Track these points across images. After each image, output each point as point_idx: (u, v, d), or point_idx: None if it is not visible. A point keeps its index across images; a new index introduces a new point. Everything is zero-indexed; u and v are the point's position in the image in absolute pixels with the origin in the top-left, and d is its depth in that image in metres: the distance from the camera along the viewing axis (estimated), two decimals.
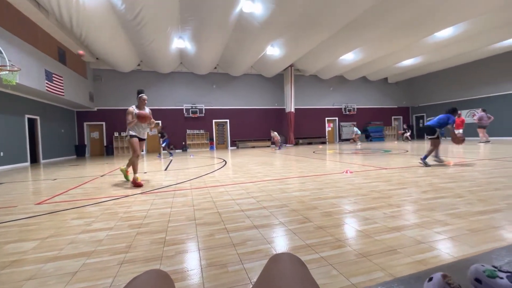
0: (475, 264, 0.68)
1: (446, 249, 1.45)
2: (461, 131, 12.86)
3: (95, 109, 14.22)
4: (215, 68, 15.80)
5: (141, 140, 4.28)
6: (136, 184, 3.89)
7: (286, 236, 1.75)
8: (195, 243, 1.69)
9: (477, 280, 0.66)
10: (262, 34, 10.46)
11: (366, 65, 15.78)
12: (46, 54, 9.18)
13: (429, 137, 5.07)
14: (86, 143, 14.12)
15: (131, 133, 4.13)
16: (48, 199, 3.29)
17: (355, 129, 14.23)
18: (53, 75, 9.44)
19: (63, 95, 10.18)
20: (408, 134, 16.47)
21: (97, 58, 13.18)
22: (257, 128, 16.97)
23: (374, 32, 10.48)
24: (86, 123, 14.17)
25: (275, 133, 13.74)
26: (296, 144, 17.00)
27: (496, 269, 0.65)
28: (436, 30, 10.64)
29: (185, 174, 5.21)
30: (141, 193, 3.44)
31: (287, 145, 16.61)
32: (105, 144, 14.51)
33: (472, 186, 3.01)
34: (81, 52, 9.27)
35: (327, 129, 18.61)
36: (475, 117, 11.32)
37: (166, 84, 15.46)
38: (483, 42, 12.32)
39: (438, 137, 4.97)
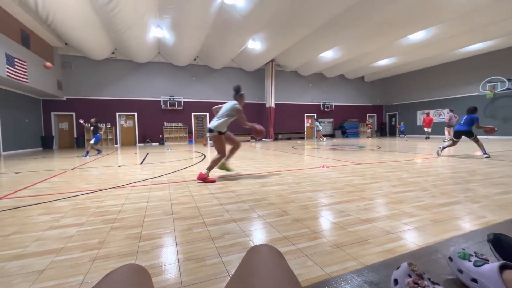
0: (456, 246, 0.76)
1: (411, 239, 1.56)
2: (430, 130, 13.78)
3: (64, 98, 13.31)
4: (195, 59, 15.41)
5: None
6: (210, 180, 3.49)
7: (264, 229, 1.78)
8: (172, 238, 1.67)
9: (450, 258, 0.74)
10: (243, 27, 10.34)
11: (344, 63, 16.23)
12: (7, 36, 8.39)
13: (470, 138, 5.66)
14: (54, 134, 13.22)
15: (224, 130, 3.71)
16: (10, 194, 3.06)
17: (317, 123, 14.63)
18: (15, 60, 8.67)
19: (27, 82, 9.40)
20: (369, 131, 17.51)
21: (66, 44, 12.30)
22: (237, 122, 16.81)
23: (352, 31, 10.77)
24: (54, 113, 13.24)
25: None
26: (276, 139, 17.19)
27: (473, 255, 0.72)
28: (409, 33, 11.17)
29: (162, 168, 5.08)
30: (115, 187, 3.31)
31: (267, 139, 16.75)
32: (75, 136, 13.69)
33: (436, 180, 3.24)
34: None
35: (306, 125, 18.99)
36: (446, 117, 12.11)
37: (143, 74, 14.83)
38: (450, 46, 13.16)
39: (475, 135, 5.60)
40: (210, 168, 3.59)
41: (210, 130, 3.68)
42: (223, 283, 1.16)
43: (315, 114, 19.11)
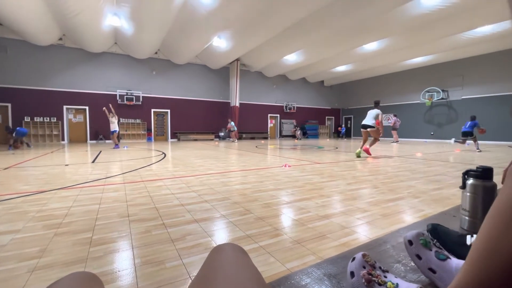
0: (418, 231, 0.78)
1: (364, 232, 1.69)
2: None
3: None
4: (156, 53, 14.63)
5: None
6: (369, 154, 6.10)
7: (227, 228, 1.77)
8: (128, 241, 1.56)
9: (410, 242, 0.76)
10: (208, 24, 10.13)
11: (306, 67, 16.94)
12: None
13: (470, 137, 7.95)
14: None
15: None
16: None
17: (231, 123, 14.33)
18: None
19: None
20: (298, 133, 18.14)
21: (0, 24, 10.67)
22: (201, 120, 16.50)
23: (314, 36, 11.29)
24: None
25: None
26: (240, 138, 17.20)
27: (431, 242, 0.75)
28: (364, 42, 12.12)
29: (117, 167, 4.71)
30: (61, 188, 2.97)
31: (231, 138, 16.67)
32: None
33: (385, 178, 3.57)
34: None
35: (269, 125, 19.37)
36: (390, 121, 13.41)
37: (96, 65, 13.58)
38: (397, 58, 14.64)
39: (475, 136, 7.88)
40: (370, 145, 6.33)
41: (369, 126, 6.18)
42: (185, 285, 1.12)
43: (278, 115, 19.60)
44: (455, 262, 0.68)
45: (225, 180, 3.44)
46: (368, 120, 6.13)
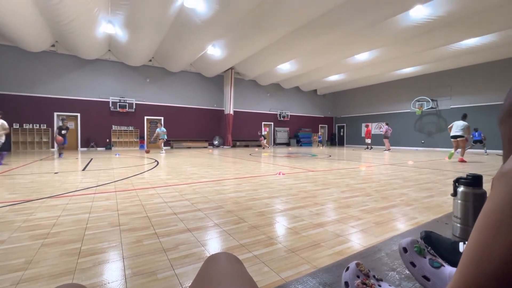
0: (413, 238, 0.78)
1: (358, 240, 1.69)
2: (369, 141, 15.27)
3: None
4: (150, 61, 14.63)
5: None
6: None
7: (220, 238, 1.74)
8: (118, 252, 1.52)
9: (404, 249, 0.76)
10: (203, 33, 10.23)
11: (300, 76, 17.18)
12: None
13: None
14: None
15: None
16: None
17: (162, 129, 10.96)
18: None
19: None
20: (264, 142, 15.04)
21: None
22: (194, 128, 16.44)
23: (307, 46, 11.51)
24: None
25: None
26: (234, 146, 17.17)
27: (426, 249, 0.75)
28: (356, 53, 12.42)
29: (108, 175, 4.63)
30: (50, 197, 2.89)
31: (225, 146, 16.62)
32: None
33: (378, 186, 3.60)
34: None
35: (264, 133, 19.43)
36: (382, 129, 13.63)
37: (89, 72, 13.47)
38: (388, 68, 15.01)
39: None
40: (462, 154, 7.16)
41: (460, 136, 7.12)
42: None
43: (272, 123, 19.71)
44: (448, 270, 0.69)
45: (218, 188, 3.41)
46: (458, 131, 7.11)
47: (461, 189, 1.28)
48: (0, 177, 4.31)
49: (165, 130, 11.07)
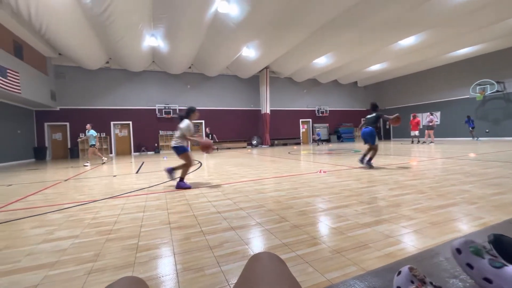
0: (467, 238, 0.70)
1: (411, 242, 1.55)
2: (417, 133, 13.69)
3: (58, 108, 13.18)
4: (190, 68, 15.47)
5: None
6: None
7: (263, 236, 1.76)
8: (170, 248, 1.64)
9: (458, 250, 0.69)
10: (237, 35, 10.45)
11: (337, 69, 16.45)
12: None
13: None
14: (47, 145, 13.02)
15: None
16: (1, 207, 2.98)
17: (91, 132, 8.48)
18: (8, 71, 8.59)
19: (19, 93, 9.30)
20: (254, 142, 14.32)
21: (59, 54, 12.25)
22: (233, 129, 16.89)
23: (345, 37, 10.96)
24: (47, 123, 13.07)
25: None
26: (272, 145, 17.20)
27: (484, 249, 0.67)
28: (400, 38, 11.42)
29: (158, 176, 5.02)
30: (111, 197, 3.25)
31: (263, 146, 16.75)
32: (69, 146, 13.49)
33: (432, 182, 3.26)
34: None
35: (302, 130, 19.08)
36: (427, 120, 12.14)
37: (138, 83, 14.81)
38: (438, 51, 13.48)
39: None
40: None
41: None
42: None
43: (310, 120, 19.23)
44: None
45: (259, 188, 3.46)
46: None
47: None
48: (72, 181, 4.98)
49: (95, 133, 8.52)
